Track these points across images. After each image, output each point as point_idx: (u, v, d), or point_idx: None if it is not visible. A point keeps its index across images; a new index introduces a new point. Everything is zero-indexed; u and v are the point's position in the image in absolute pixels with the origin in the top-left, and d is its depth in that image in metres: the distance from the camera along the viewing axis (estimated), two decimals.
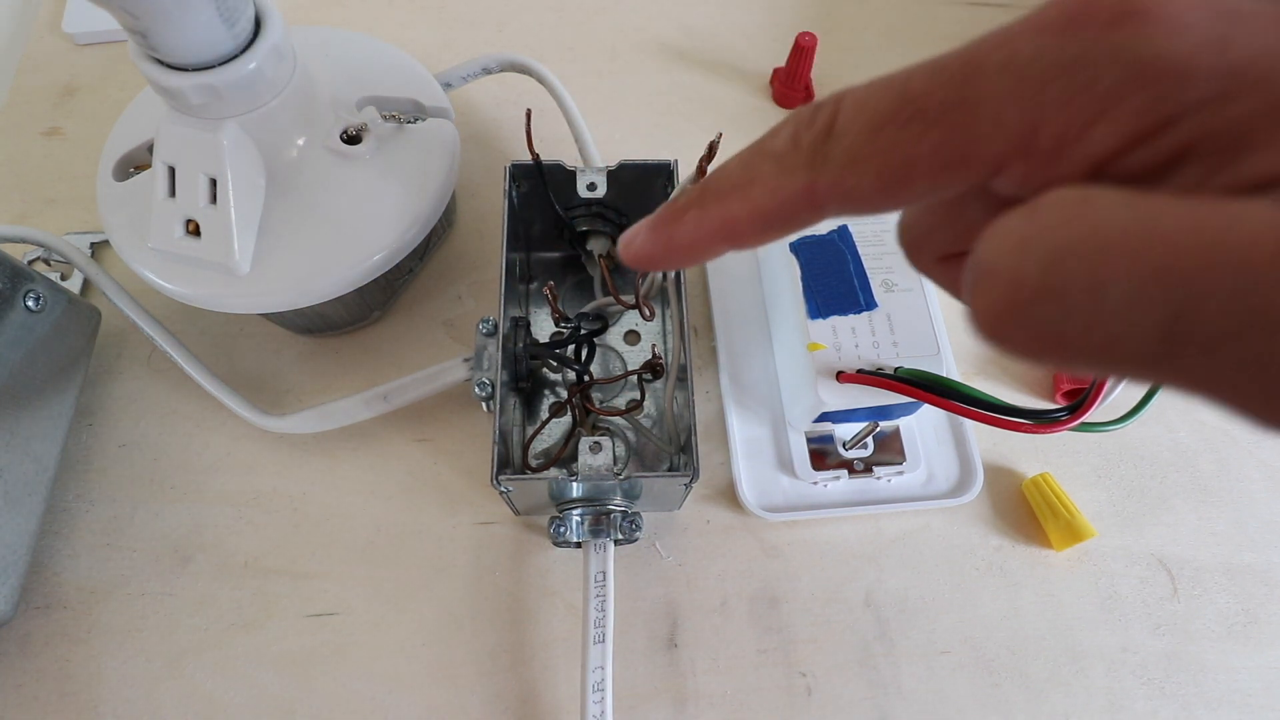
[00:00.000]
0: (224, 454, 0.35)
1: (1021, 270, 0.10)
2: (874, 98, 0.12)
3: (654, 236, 0.16)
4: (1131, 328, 0.09)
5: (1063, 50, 0.11)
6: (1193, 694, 0.32)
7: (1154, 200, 0.10)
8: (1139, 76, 0.10)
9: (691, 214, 0.15)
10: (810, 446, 0.35)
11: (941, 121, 0.11)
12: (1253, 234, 0.09)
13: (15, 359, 0.30)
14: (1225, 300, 0.09)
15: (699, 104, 0.45)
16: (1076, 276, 0.10)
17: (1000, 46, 0.11)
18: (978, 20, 0.47)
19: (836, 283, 0.32)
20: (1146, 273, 0.09)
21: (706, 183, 0.15)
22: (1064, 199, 0.10)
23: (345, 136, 0.32)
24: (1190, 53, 0.10)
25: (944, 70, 0.12)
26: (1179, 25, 0.10)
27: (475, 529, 0.34)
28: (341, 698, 0.31)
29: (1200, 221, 0.09)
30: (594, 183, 0.34)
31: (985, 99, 0.11)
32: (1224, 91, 0.10)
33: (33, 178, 0.41)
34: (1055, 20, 0.11)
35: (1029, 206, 0.11)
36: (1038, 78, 0.11)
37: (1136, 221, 0.09)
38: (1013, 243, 0.10)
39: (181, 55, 0.26)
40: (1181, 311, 0.09)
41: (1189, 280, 0.09)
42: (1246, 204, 0.09)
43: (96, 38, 0.45)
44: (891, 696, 0.31)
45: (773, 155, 0.14)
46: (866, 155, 0.12)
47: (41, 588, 0.32)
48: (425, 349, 0.37)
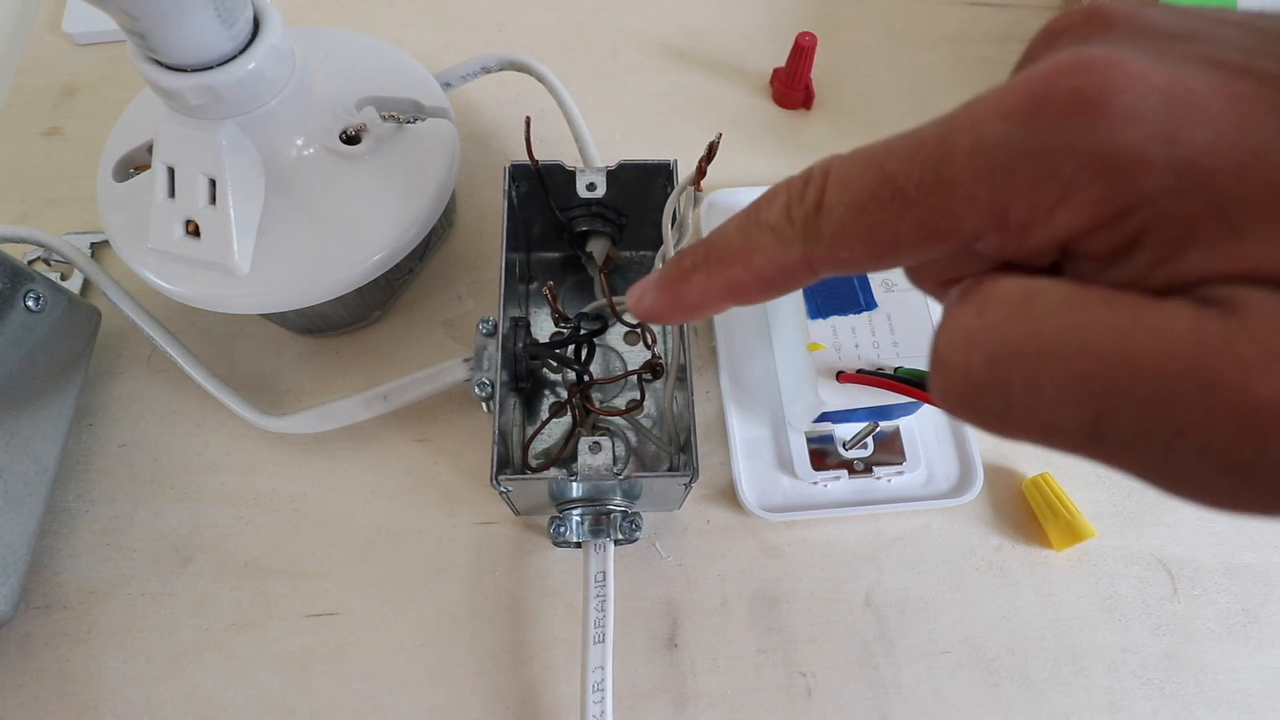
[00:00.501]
0: (224, 454, 0.35)
1: (969, 365, 0.12)
2: (855, 175, 0.13)
3: (664, 296, 0.17)
4: (1062, 421, 0.11)
5: (1026, 138, 0.11)
6: (1193, 694, 0.32)
7: (1090, 304, 0.11)
8: (1096, 167, 0.11)
9: (699, 277, 0.16)
10: (810, 446, 0.35)
11: (920, 202, 0.12)
12: (1168, 349, 0.10)
13: (15, 359, 0.30)
14: (1139, 409, 0.10)
15: (699, 104, 0.45)
16: (1015, 375, 0.11)
17: (970, 130, 0.12)
18: (978, 20, 0.47)
19: (836, 283, 0.32)
20: (1075, 379, 0.11)
21: (710, 247, 0.16)
22: (1011, 296, 0.12)
23: (345, 136, 0.32)
24: (1142, 145, 0.10)
25: (920, 150, 0.12)
26: (1132, 115, 0.11)
27: (475, 529, 0.34)
28: (341, 698, 0.31)
29: (1126, 332, 0.10)
30: (594, 183, 0.34)
31: (959, 181, 0.12)
32: (1173, 186, 0.10)
33: (33, 178, 0.41)
34: (1018, 107, 0.11)
35: (979, 301, 0.12)
36: (1005, 164, 0.11)
37: (1070, 329, 0.11)
38: (963, 339, 0.12)
39: (180, 56, 0.26)
40: (1103, 413, 0.10)
41: (1109, 389, 0.10)
42: (1170, 312, 0.10)
43: (96, 38, 0.45)
44: (891, 696, 0.31)
45: (769, 227, 0.15)
46: (853, 231, 0.13)
47: (41, 588, 0.32)
48: (425, 349, 0.37)
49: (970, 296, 0.12)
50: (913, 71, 0.46)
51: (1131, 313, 0.11)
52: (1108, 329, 0.11)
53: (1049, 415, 0.11)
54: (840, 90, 0.45)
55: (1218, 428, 0.10)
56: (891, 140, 0.13)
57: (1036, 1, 0.48)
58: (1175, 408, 0.10)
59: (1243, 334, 0.10)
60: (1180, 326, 0.10)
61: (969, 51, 0.47)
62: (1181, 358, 0.10)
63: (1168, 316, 0.10)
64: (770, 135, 0.44)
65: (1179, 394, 0.10)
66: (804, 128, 0.44)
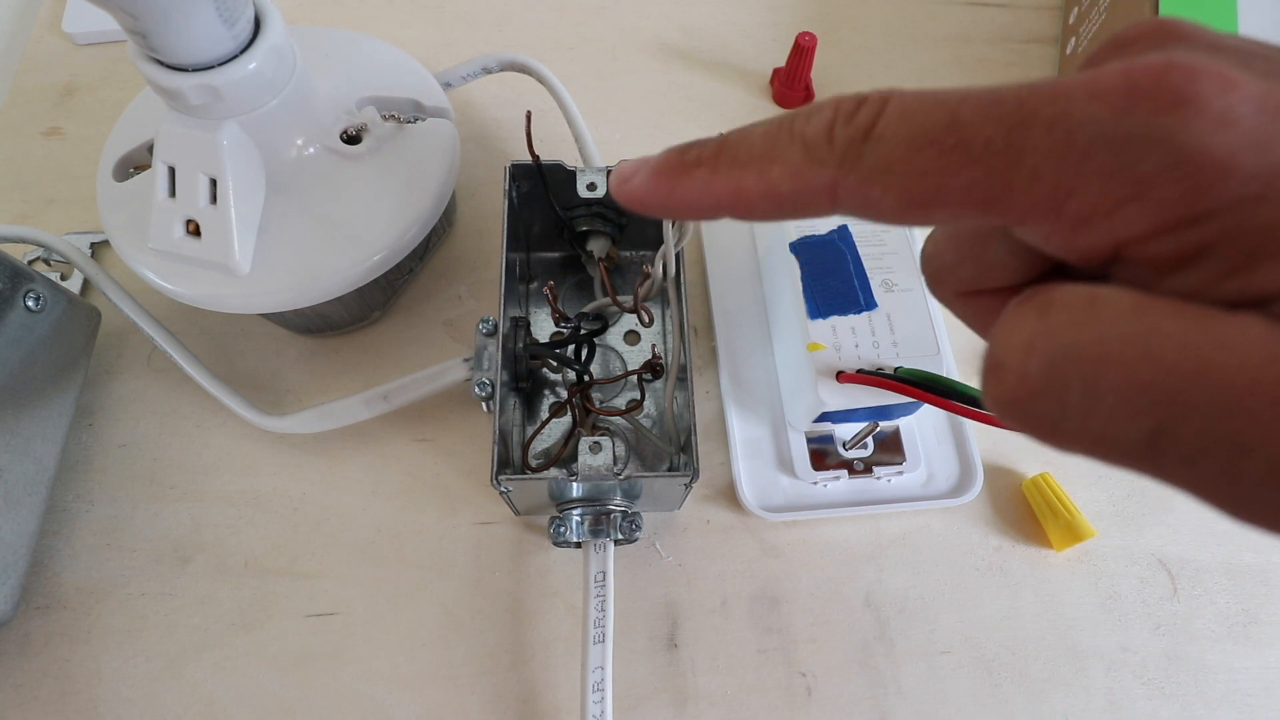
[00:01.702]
0: (224, 454, 0.35)
1: (1027, 369, 0.11)
2: (922, 112, 0.12)
3: (655, 183, 0.15)
4: (1120, 432, 0.10)
5: (1114, 124, 0.11)
6: (1193, 694, 0.32)
7: (1155, 313, 0.10)
8: (1180, 166, 0.10)
9: (702, 173, 0.15)
10: (810, 446, 0.35)
11: (983, 161, 0.11)
12: (1237, 362, 0.10)
13: (15, 359, 0.30)
14: (1203, 422, 0.10)
15: (699, 104, 0.45)
16: (1074, 381, 0.11)
17: (1055, 100, 0.11)
18: (978, 20, 0.48)
19: (836, 283, 0.32)
20: (1137, 388, 0.10)
21: (725, 143, 0.15)
22: (1073, 301, 0.11)
23: (345, 136, 0.32)
24: (1233, 150, 0.10)
25: (998, 106, 0.11)
26: (1227, 119, 0.10)
27: (475, 529, 0.34)
28: (341, 698, 0.31)
29: (1193, 342, 0.10)
30: (594, 183, 0.34)
31: (1030, 151, 0.11)
32: (1258, 195, 0.10)
33: (33, 178, 0.41)
34: (1112, 90, 0.11)
35: (1040, 304, 0.11)
36: (1084, 145, 0.11)
37: (1135, 335, 0.10)
38: (1021, 341, 0.11)
39: (181, 56, 0.26)
40: (1164, 426, 0.10)
41: (1174, 400, 0.10)
42: (1241, 325, 0.10)
43: (96, 38, 0.45)
44: (891, 696, 0.31)
45: (802, 140, 0.13)
46: (900, 171, 0.12)
47: (41, 588, 0.32)
48: (425, 349, 0.37)
49: (1031, 301, 0.12)
50: (913, 71, 0.46)
51: (1200, 323, 0.10)
52: (1174, 338, 0.10)
53: (1106, 425, 0.11)
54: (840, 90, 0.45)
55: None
56: (966, 90, 0.12)
57: (1037, 1, 0.48)
58: (1242, 422, 0.10)
59: None
60: (1252, 338, 0.10)
61: (969, 51, 0.47)
62: (1252, 371, 0.09)
63: (1239, 328, 0.10)
64: None
65: (1248, 408, 0.09)
66: None
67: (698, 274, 0.39)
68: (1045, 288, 0.12)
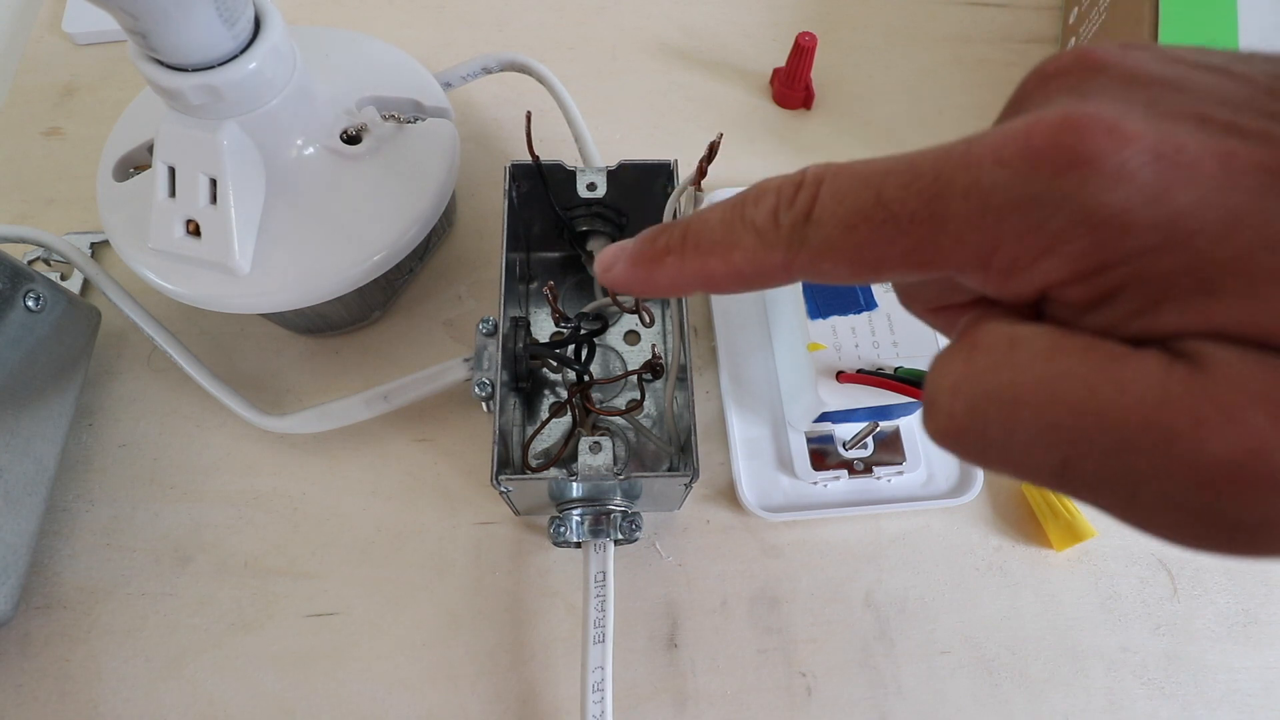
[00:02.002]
0: (224, 454, 0.35)
1: (953, 409, 0.13)
2: (852, 192, 0.14)
3: (633, 271, 0.18)
4: (1035, 462, 0.12)
5: (1019, 187, 0.12)
6: (1193, 694, 0.32)
7: (1065, 355, 0.12)
8: (1083, 223, 0.11)
9: (672, 260, 0.17)
10: (810, 446, 0.35)
11: (911, 231, 0.13)
12: (1132, 404, 0.11)
13: (15, 359, 0.30)
14: (1103, 457, 0.11)
15: (699, 104, 0.45)
16: (992, 421, 0.12)
17: (966, 169, 0.12)
18: (978, 20, 0.48)
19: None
20: (1046, 427, 0.12)
21: (688, 231, 0.17)
22: (995, 343, 0.13)
23: (345, 136, 0.32)
24: (1129, 205, 0.11)
25: (917, 180, 0.13)
26: (1122, 175, 0.11)
27: (475, 529, 0.34)
28: (341, 698, 0.31)
29: (1096, 384, 0.11)
30: (594, 183, 0.34)
31: (950, 218, 0.12)
32: (1155, 245, 0.11)
33: (33, 178, 0.41)
34: (1015, 156, 0.12)
35: (967, 347, 0.13)
36: (996, 209, 0.12)
37: (1046, 379, 0.12)
38: (949, 384, 0.13)
39: (181, 56, 0.26)
40: (1070, 459, 0.11)
41: (1077, 438, 0.11)
42: (1140, 367, 0.11)
43: (96, 38, 0.45)
44: (891, 696, 0.32)
45: (753, 227, 0.15)
46: (840, 247, 0.14)
47: (41, 588, 0.32)
48: (425, 349, 0.37)
49: (960, 342, 0.13)
50: (913, 71, 0.46)
51: (1104, 366, 0.11)
52: (1079, 380, 0.11)
53: (1022, 457, 0.12)
54: (840, 90, 0.45)
55: (1175, 480, 0.11)
56: (889, 162, 0.14)
57: (1037, 1, 0.48)
58: (1136, 459, 0.11)
59: (1204, 392, 0.10)
60: (1147, 381, 0.11)
61: (969, 51, 0.47)
62: (1144, 412, 0.11)
63: (1136, 370, 0.11)
64: (770, 135, 0.44)
65: (1140, 447, 0.11)
66: (804, 128, 0.44)
67: None
68: (973, 328, 0.13)
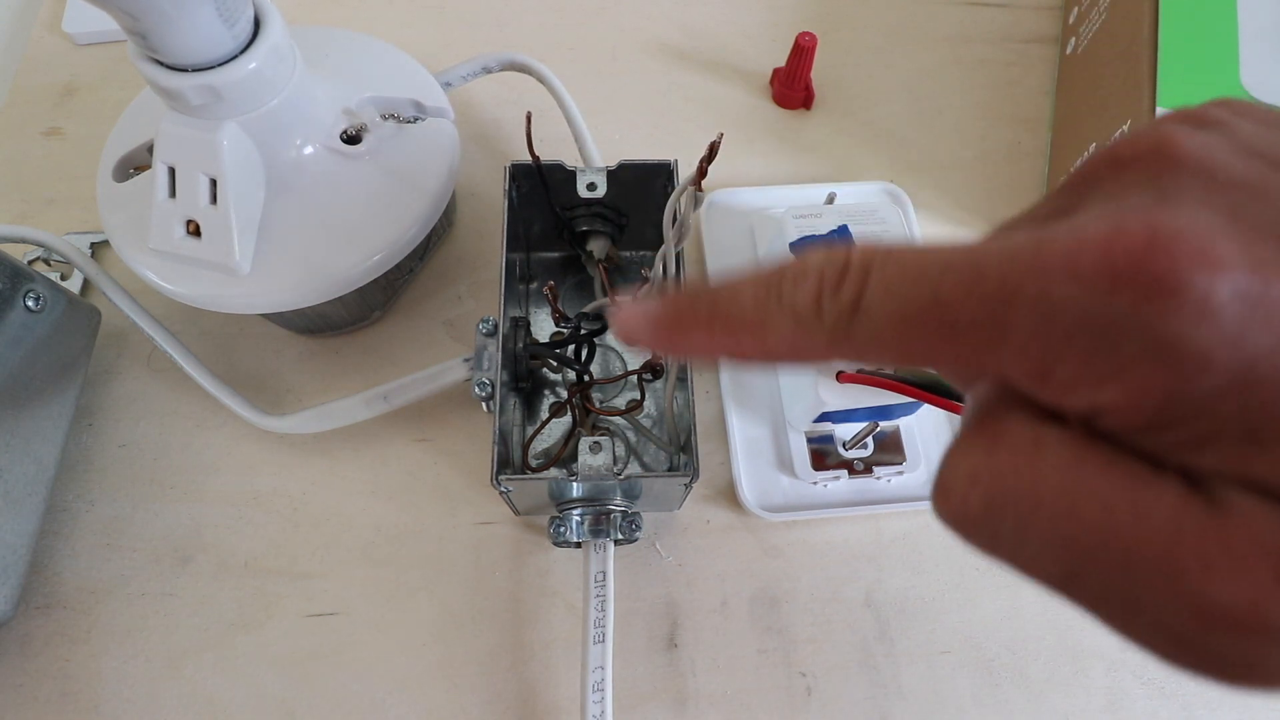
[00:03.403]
0: (224, 454, 0.35)
1: (968, 499, 0.13)
2: (905, 288, 0.13)
3: (656, 337, 0.17)
4: (1041, 567, 0.12)
5: (1095, 309, 0.11)
6: (1193, 694, 0.32)
7: (1089, 469, 0.12)
8: (1159, 357, 0.11)
9: (700, 335, 0.16)
10: (810, 446, 0.35)
11: (969, 337, 0.12)
12: (1144, 534, 0.11)
13: (15, 359, 0.30)
14: (1108, 578, 0.11)
15: (699, 104, 0.45)
16: (1007, 521, 0.12)
17: (1037, 278, 0.11)
18: (978, 20, 0.47)
19: None
20: (1059, 538, 0.12)
21: (717, 305, 0.15)
22: (1019, 441, 0.12)
23: (345, 136, 0.32)
24: (1210, 346, 0.10)
25: (980, 283, 0.12)
26: (1205, 311, 0.10)
27: (475, 529, 0.34)
28: (341, 698, 0.31)
29: (1114, 506, 0.11)
30: (594, 183, 0.34)
31: (1014, 329, 0.12)
32: (1222, 388, 0.11)
33: (33, 178, 0.41)
34: (1092, 273, 0.11)
35: (990, 437, 0.13)
36: (1067, 327, 0.11)
37: (1066, 490, 0.12)
38: (966, 473, 0.13)
39: (181, 56, 0.26)
40: (1076, 572, 0.12)
41: (1087, 554, 0.11)
42: (1159, 497, 0.11)
43: (96, 38, 0.45)
44: (891, 696, 0.32)
45: (792, 310, 0.14)
46: (889, 342, 0.13)
47: (41, 588, 0.32)
48: (425, 349, 0.37)
49: (982, 430, 0.13)
50: (913, 71, 0.46)
51: (1123, 487, 0.11)
52: (1098, 499, 0.11)
53: (1030, 559, 0.12)
54: (840, 90, 0.45)
55: (1173, 614, 0.11)
56: (947, 254, 0.13)
57: (1037, 1, 0.48)
58: (1141, 586, 0.11)
59: (1217, 536, 0.10)
60: (1162, 514, 0.11)
61: (969, 51, 0.47)
62: (1156, 544, 0.11)
63: (1156, 499, 0.11)
64: (770, 135, 0.44)
65: (1146, 576, 0.11)
66: (804, 128, 0.44)
67: (698, 274, 0.39)
68: (996, 419, 0.13)
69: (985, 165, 0.43)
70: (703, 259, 0.39)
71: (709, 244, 0.39)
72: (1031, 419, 0.12)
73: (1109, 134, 0.36)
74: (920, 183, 0.42)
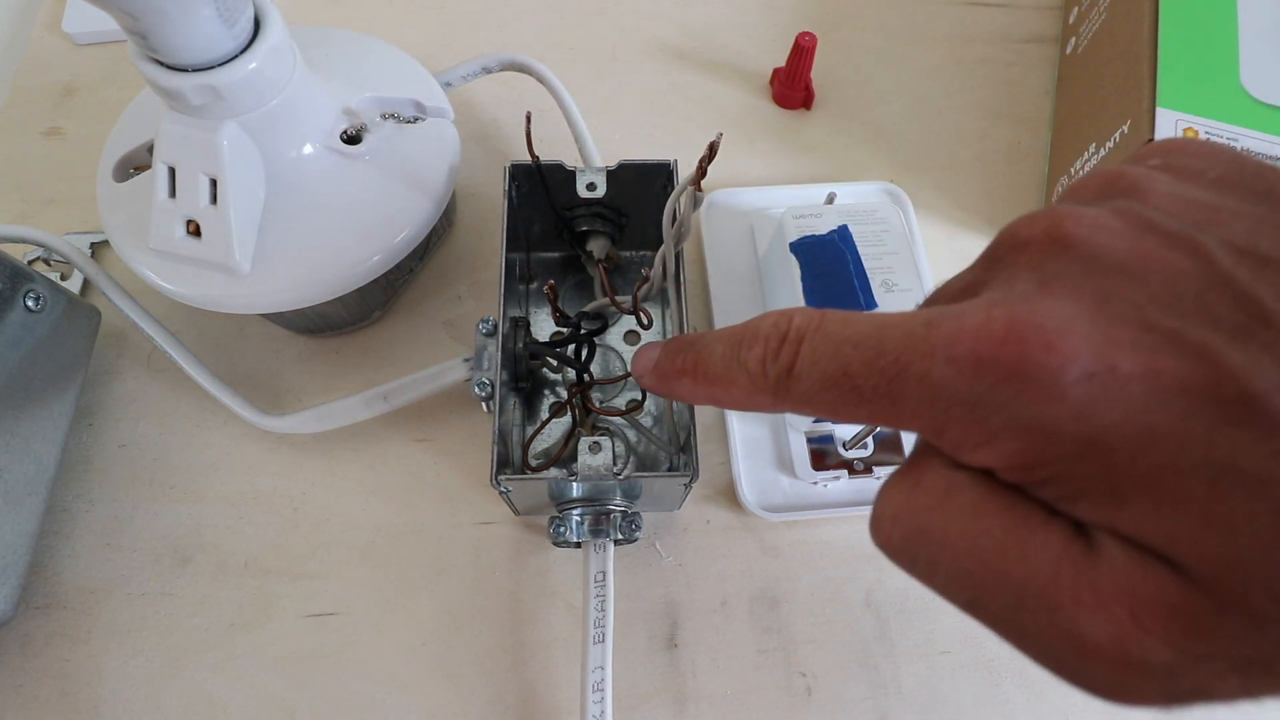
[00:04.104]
0: (224, 454, 0.35)
1: (891, 534, 0.16)
2: (824, 359, 0.16)
3: (660, 385, 0.21)
4: (949, 593, 0.15)
5: (964, 387, 0.13)
6: None
7: (988, 516, 0.14)
8: (1016, 429, 0.13)
9: (687, 382, 0.20)
10: (810, 446, 0.35)
11: (873, 401, 0.15)
12: (1030, 573, 0.13)
13: (15, 359, 0.30)
14: (1001, 606, 0.14)
15: (699, 104, 0.45)
16: (921, 554, 0.15)
17: (922, 358, 0.14)
18: (978, 20, 0.48)
19: (836, 283, 0.32)
20: (961, 571, 0.14)
21: (699, 360, 0.20)
22: (934, 487, 0.15)
23: (345, 136, 0.32)
24: (1057, 421, 0.13)
25: (879, 359, 0.15)
26: (1054, 394, 0.12)
27: (475, 529, 0.34)
28: (341, 698, 0.31)
29: (1006, 549, 0.14)
30: (594, 183, 0.34)
31: (905, 398, 0.14)
32: (1077, 453, 0.13)
33: (33, 178, 0.41)
34: (963, 358, 0.13)
35: (911, 482, 0.15)
36: (944, 400, 0.14)
37: (968, 533, 0.14)
38: (891, 511, 0.16)
39: (181, 56, 0.26)
40: (976, 600, 0.14)
41: (984, 586, 0.14)
42: (1045, 543, 0.13)
43: (96, 38, 0.45)
44: (891, 696, 0.32)
45: (746, 370, 0.18)
46: (817, 402, 0.16)
47: (41, 588, 0.32)
48: (425, 349, 0.37)
49: (907, 473, 0.16)
50: (913, 71, 0.46)
51: (1015, 531, 0.14)
52: (993, 541, 0.14)
53: (941, 586, 0.15)
54: (840, 90, 0.45)
55: (1053, 641, 0.13)
56: (860, 331, 0.15)
57: (1037, 1, 0.48)
58: (1026, 617, 0.13)
59: (1087, 579, 0.13)
60: (1046, 555, 0.13)
61: (969, 51, 0.47)
62: (1038, 582, 0.13)
63: (1042, 543, 0.13)
64: (770, 135, 0.44)
65: (1030, 609, 0.13)
66: (804, 128, 0.44)
67: (698, 274, 0.39)
68: (919, 464, 0.15)
69: (985, 165, 0.43)
70: (703, 259, 0.39)
71: (709, 244, 0.39)
72: (947, 467, 0.15)
73: (1109, 134, 0.36)
74: (920, 183, 0.42)
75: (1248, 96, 0.33)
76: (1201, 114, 0.33)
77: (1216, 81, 0.33)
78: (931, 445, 0.15)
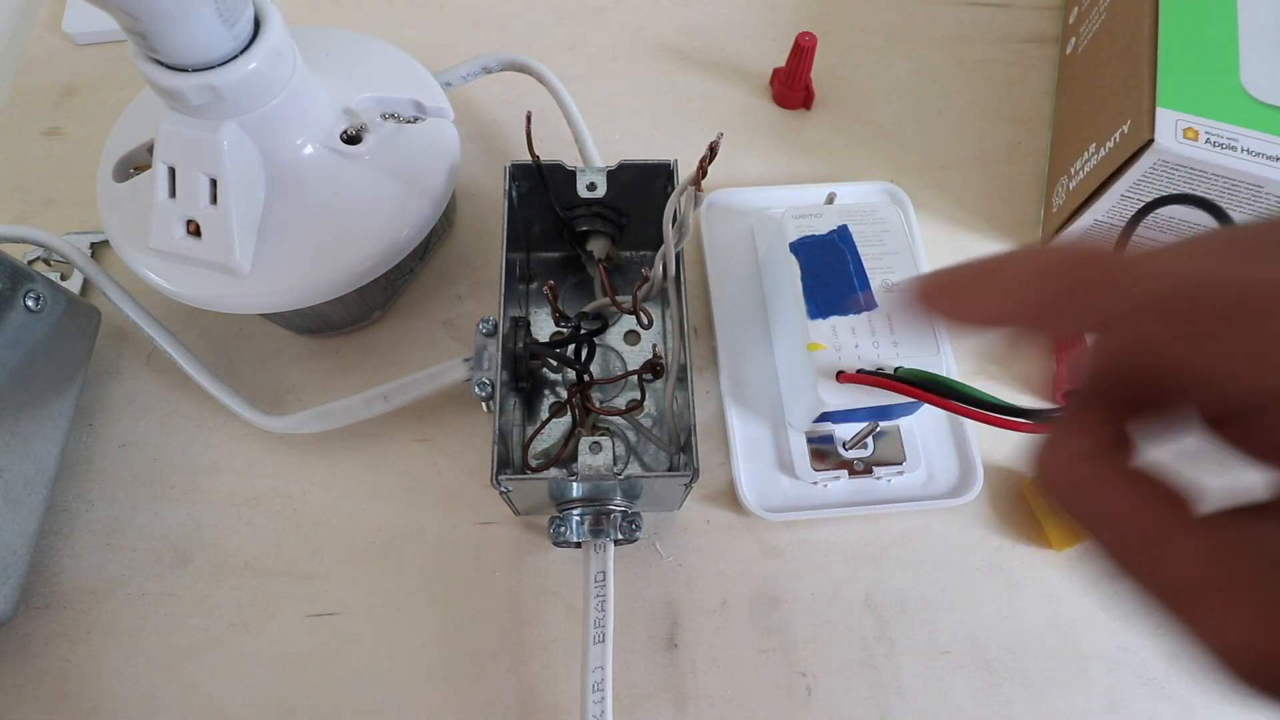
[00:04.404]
0: (224, 454, 0.35)
1: (1058, 487, 0.15)
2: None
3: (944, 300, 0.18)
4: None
5: None
6: (1193, 694, 0.32)
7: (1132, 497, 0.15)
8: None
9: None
10: (810, 446, 0.35)
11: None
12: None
13: (15, 359, 0.30)
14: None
15: (699, 104, 0.45)
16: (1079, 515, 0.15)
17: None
18: (978, 20, 0.47)
19: (836, 283, 0.32)
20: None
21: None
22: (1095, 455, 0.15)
23: (345, 136, 0.32)
24: None
25: None
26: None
27: (475, 529, 0.34)
28: (341, 698, 0.31)
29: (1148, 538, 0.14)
30: (594, 183, 0.34)
31: None
32: None
33: (33, 178, 0.41)
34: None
35: (1078, 442, 0.15)
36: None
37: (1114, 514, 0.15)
38: (1059, 467, 0.16)
39: (181, 56, 0.26)
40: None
41: (1118, 575, 0.14)
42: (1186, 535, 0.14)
43: (96, 38, 0.45)
44: (891, 696, 0.31)
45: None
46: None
47: (41, 588, 0.32)
48: (425, 349, 0.37)
49: (1073, 432, 0.16)
50: (913, 71, 0.46)
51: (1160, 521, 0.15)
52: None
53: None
54: (840, 90, 0.45)
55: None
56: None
57: (1037, 1, 0.48)
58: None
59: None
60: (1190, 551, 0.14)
61: (969, 51, 0.47)
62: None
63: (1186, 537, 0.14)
64: (770, 135, 0.44)
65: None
66: (804, 128, 0.44)
67: (698, 274, 0.39)
68: (1087, 426, 0.16)
69: (985, 165, 0.43)
70: (703, 259, 0.39)
71: (709, 244, 0.39)
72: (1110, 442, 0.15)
73: (1109, 134, 0.36)
74: (920, 183, 0.42)
75: (1248, 96, 0.33)
76: (1201, 114, 0.33)
77: (1216, 81, 0.33)
78: (1103, 419, 0.15)
